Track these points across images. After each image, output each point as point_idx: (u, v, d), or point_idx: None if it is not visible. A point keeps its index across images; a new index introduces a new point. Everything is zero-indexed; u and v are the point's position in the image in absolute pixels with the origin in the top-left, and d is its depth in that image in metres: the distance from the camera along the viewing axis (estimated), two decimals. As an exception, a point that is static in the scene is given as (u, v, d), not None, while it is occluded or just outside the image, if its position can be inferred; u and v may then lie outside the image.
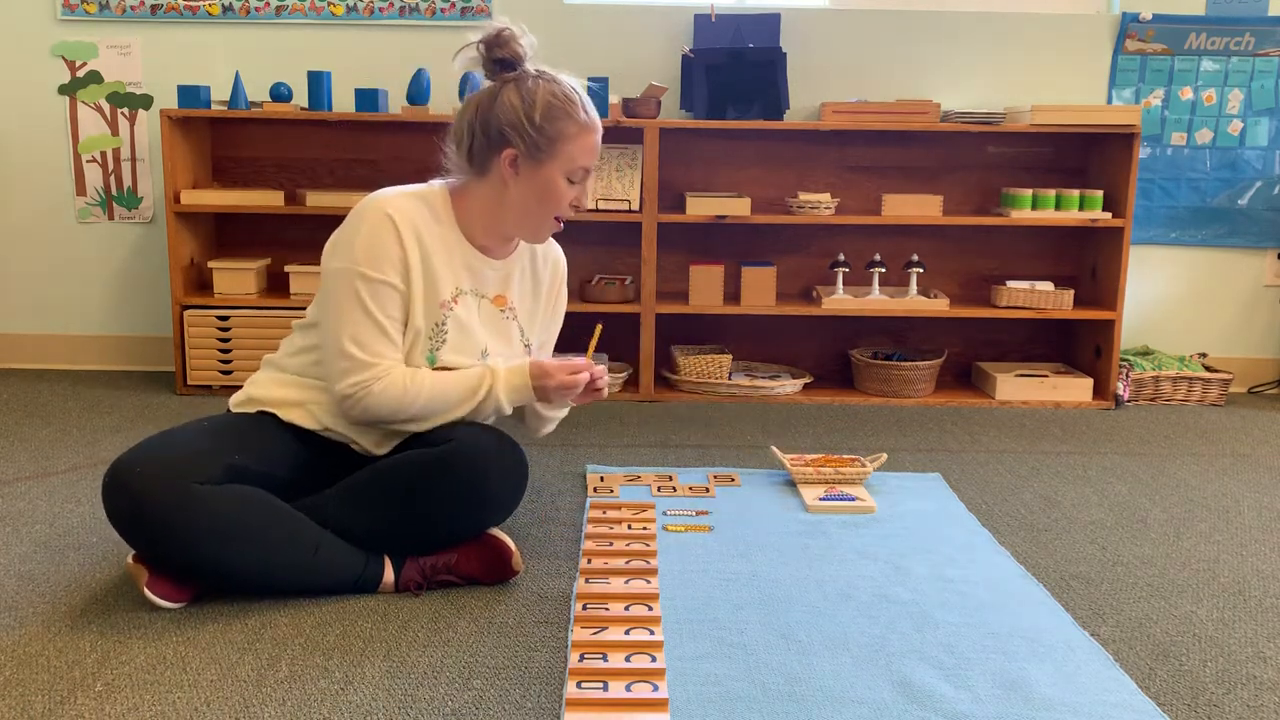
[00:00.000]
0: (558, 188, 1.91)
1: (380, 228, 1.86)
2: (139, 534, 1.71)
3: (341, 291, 1.85)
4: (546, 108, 1.87)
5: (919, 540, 2.15)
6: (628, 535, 2.12)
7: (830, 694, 1.53)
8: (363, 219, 1.87)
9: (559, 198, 1.92)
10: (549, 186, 1.91)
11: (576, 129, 1.89)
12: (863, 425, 3.12)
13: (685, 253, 3.58)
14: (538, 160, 1.89)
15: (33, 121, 3.56)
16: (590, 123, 1.91)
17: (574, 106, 1.89)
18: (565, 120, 1.88)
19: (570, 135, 1.88)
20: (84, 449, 2.71)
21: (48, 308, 3.68)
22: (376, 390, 1.84)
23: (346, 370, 1.84)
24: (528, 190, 1.91)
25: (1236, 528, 2.30)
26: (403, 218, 1.87)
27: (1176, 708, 1.53)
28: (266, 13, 3.49)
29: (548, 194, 1.91)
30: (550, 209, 1.93)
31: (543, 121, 1.87)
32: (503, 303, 2.04)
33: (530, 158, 1.89)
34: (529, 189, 1.91)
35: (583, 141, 1.90)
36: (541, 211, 1.94)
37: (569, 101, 1.89)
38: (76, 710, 1.47)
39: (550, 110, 1.87)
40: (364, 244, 1.85)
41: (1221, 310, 3.74)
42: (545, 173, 1.90)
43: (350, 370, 1.84)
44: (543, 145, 1.88)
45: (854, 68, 3.56)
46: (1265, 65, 3.57)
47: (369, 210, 1.88)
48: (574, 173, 1.91)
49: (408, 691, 1.53)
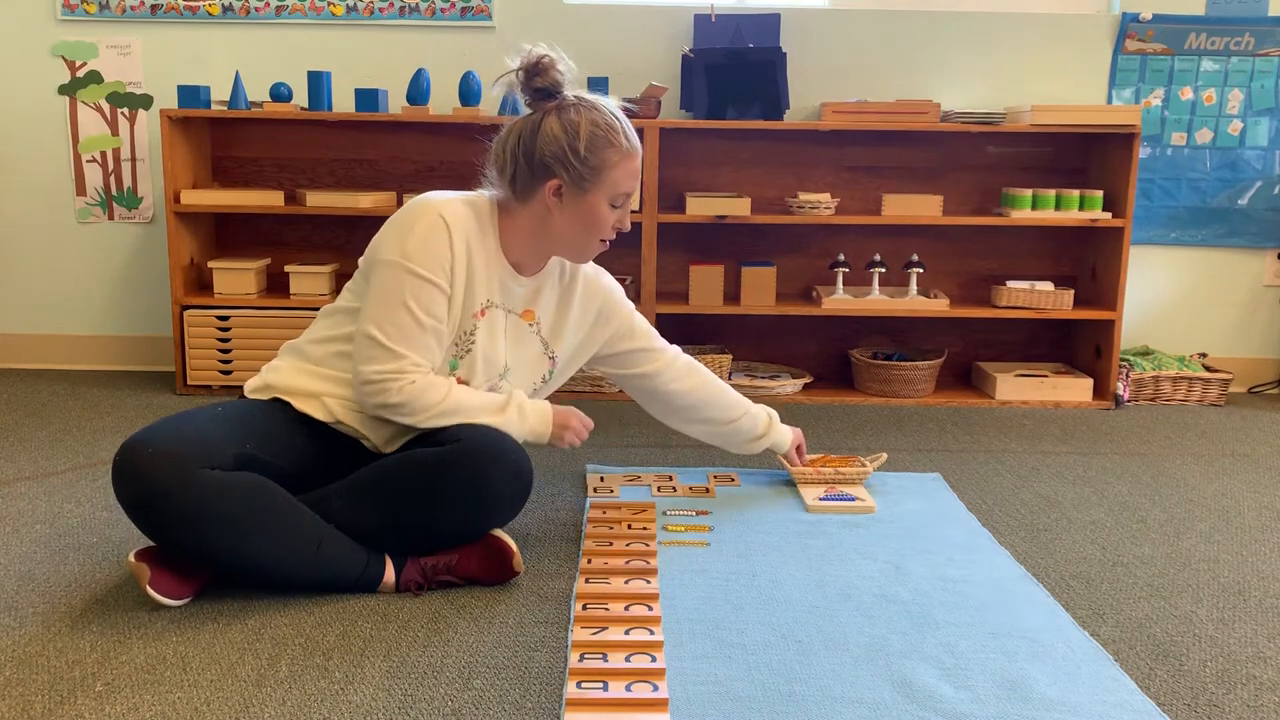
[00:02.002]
0: (601, 214, 1.95)
1: (435, 229, 1.89)
2: (145, 515, 1.71)
3: (387, 284, 1.87)
4: (590, 138, 1.90)
5: (919, 540, 2.15)
6: (628, 535, 2.12)
7: (830, 694, 1.53)
8: (418, 218, 1.90)
9: (603, 223, 1.97)
10: (593, 213, 1.95)
11: (619, 157, 1.93)
12: (863, 425, 3.12)
13: (685, 253, 3.58)
14: (582, 190, 1.93)
15: (33, 121, 3.56)
16: (632, 149, 1.95)
17: (616, 135, 1.93)
18: (609, 149, 1.92)
19: (614, 163, 1.92)
20: (84, 449, 2.71)
21: (48, 308, 3.68)
22: (400, 387, 1.86)
23: (372, 357, 1.86)
24: (572, 218, 1.95)
25: (1236, 528, 2.30)
26: (456, 223, 1.91)
27: (1176, 708, 1.53)
28: (266, 13, 3.50)
29: (592, 220, 1.96)
30: (595, 234, 1.98)
31: (586, 153, 1.90)
32: (531, 317, 2.07)
33: (575, 187, 1.93)
34: (574, 216, 1.95)
35: (626, 168, 1.94)
36: (586, 237, 1.99)
37: (611, 130, 1.92)
38: (76, 710, 1.47)
39: (594, 141, 1.91)
40: (417, 242, 1.88)
41: (1221, 310, 3.74)
42: (590, 200, 1.94)
43: (376, 358, 1.86)
44: (587, 175, 1.92)
45: (854, 68, 3.56)
46: (1265, 65, 3.57)
47: (425, 210, 1.91)
48: (617, 198, 1.96)
49: (408, 691, 1.53)
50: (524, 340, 2.07)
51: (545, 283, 2.09)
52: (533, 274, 2.06)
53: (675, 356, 2.30)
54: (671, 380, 2.27)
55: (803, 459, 2.48)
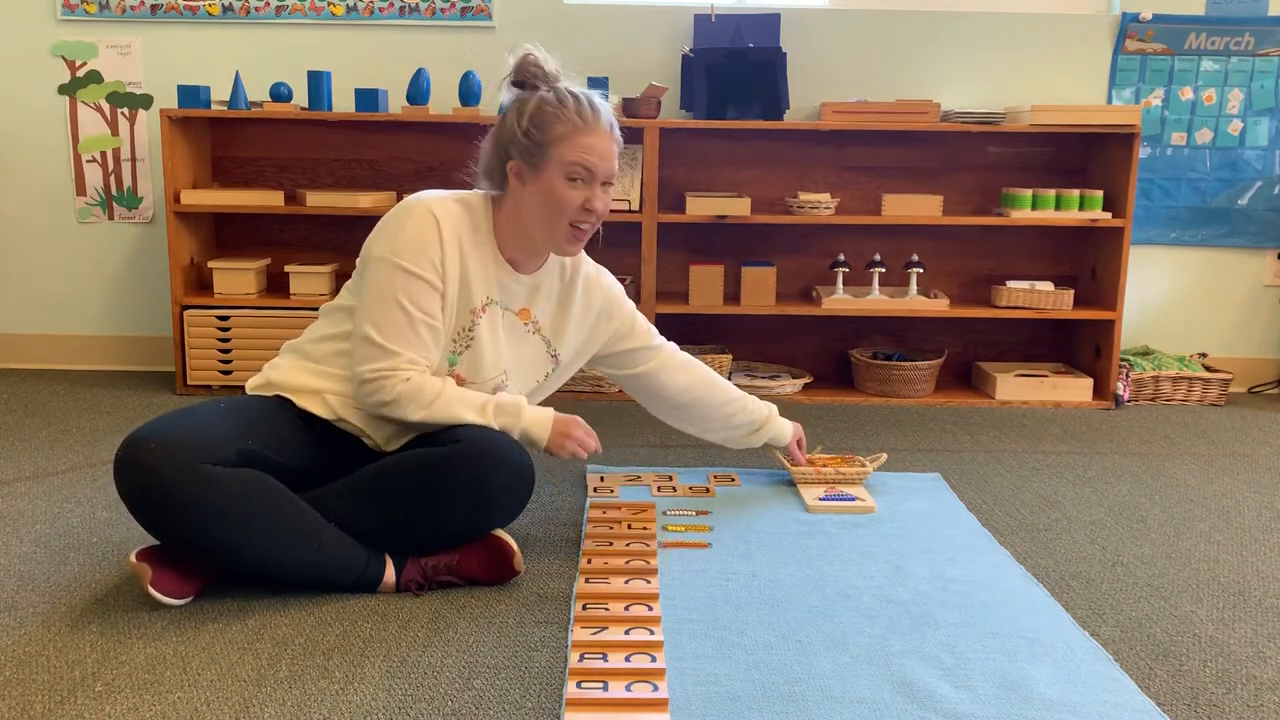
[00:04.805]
0: (558, 192, 1.92)
1: (425, 226, 1.90)
2: (147, 510, 1.71)
3: (379, 280, 1.88)
4: (536, 114, 1.91)
5: (919, 540, 2.15)
6: (628, 535, 2.12)
7: (830, 694, 1.53)
8: (409, 215, 1.91)
9: (564, 202, 1.93)
10: (550, 191, 1.92)
11: (567, 129, 1.91)
12: (863, 425, 3.12)
13: (685, 253, 3.58)
14: (536, 167, 1.92)
15: (33, 121, 3.56)
16: (584, 123, 1.92)
17: (566, 109, 1.91)
18: (555, 123, 1.90)
19: (560, 136, 1.90)
20: (84, 449, 2.71)
21: (48, 308, 3.68)
22: (394, 385, 1.86)
23: (368, 356, 1.87)
24: (535, 199, 1.94)
25: (1236, 528, 2.30)
26: (446, 220, 1.92)
27: (1176, 708, 1.53)
28: (266, 13, 3.49)
29: (551, 199, 1.93)
30: (560, 215, 1.94)
31: (532, 127, 1.91)
32: (527, 316, 2.07)
33: (530, 166, 1.93)
34: (536, 198, 1.94)
35: (576, 141, 1.91)
36: (551, 220, 1.95)
37: (561, 106, 1.91)
38: (76, 710, 1.47)
39: (539, 116, 1.91)
40: (408, 239, 1.89)
41: (1221, 310, 3.74)
42: (545, 178, 1.93)
43: (372, 356, 1.87)
44: (535, 151, 1.92)
45: (854, 68, 3.56)
46: (1265, 65, 3.57)
47: (416, 207, 1.92)
48: (572, 171, 1.92)
49: (408, 691, 1.53)
50: (520, 338, 2.07)
51: (544, 281, 2.09)
52: (531, 271, 2.06)
53: (673, 353, 2.30)
54: (669, 377, 2.27)
55: (803, 453, 2.48)
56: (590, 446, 2.02)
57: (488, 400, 1.94)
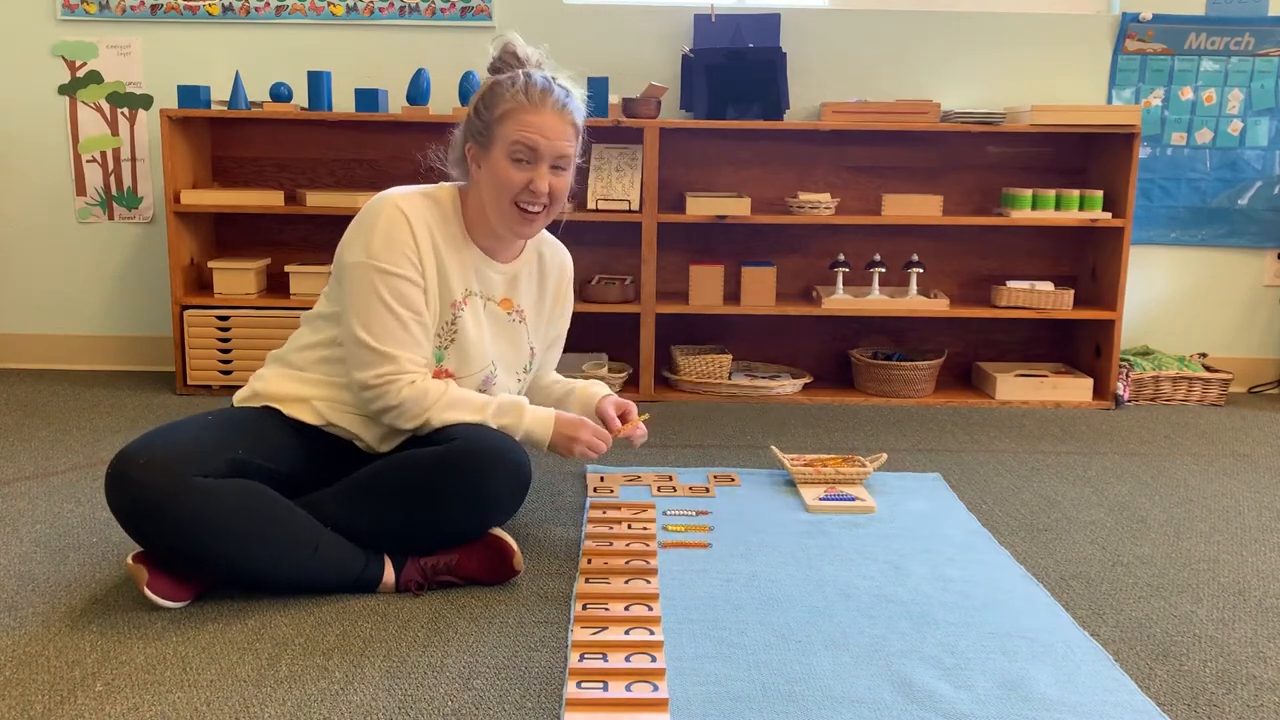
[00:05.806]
0: (502, 171, 1.90)
1: (395, 223, 1.89)
2: (140, 525, 1.71)
3: (361, 286, 1.88)
4: (486, 94, 1.92)
5: (919, 540, 2.15)
6: (628, 535, 2.12)
7: (830, 694, 1.53)
8: (377, 215, 1.90)
9: (508, 182, 1.90)
10: (495, 171, 1.91)
11: (512, 106, 1.89)
12: (863, 425, 3.12)
13: (685, 253, 3.58)
14: (485, 147, 1.93)
15: (33, 121, 3.56)
16: (527, 101, 1.88)
17: (514, 90, 1.89)
18: (501, 102, 1.90)
19: (505, 114, 1.89)
20: (84, 449, 2.71)
21: (48, 308, 3.68)
22: (399, 389, 1.86)
23: (367, 362, 1.87)
24: (487, 180, 1.94)
25: (1236, 528, 2.30)
26: (415, 214, 1.91)
27: (1176, 708, 1.53)
28: (266, 13, 3.49)
29: (496, 179, 1.91)
30: (505, 195, 1.91)
31: (481, 106, 1.92)
32: (509, 306, 2.06)
33: (481, 146, 1.93)
34: (487, 178, 1.94)
35: (519, 119, 1.88)
36: (499, 201, 1.93)
37: (511, 84, 1.90)
38: (76, 710, 1.47)
39: (489, 95, 1.92)
40: (380, 239, 1.88)
41: (1221, 310, 3.74)
42: (492, 157, 1.92)
43: (372, 362, 1.86)
44: (483, 130, 1.92)
45: (854, 68, 3.56)
46: (1265, 65, 3.57)
47: (383, 206, 1.91)
48: (514, 151, 1.89)
49: (408, 691, 1.53)
50: (504, 329, 2.06)
51: (523, 270, 2.08)
52: (508, 260, 2.05)
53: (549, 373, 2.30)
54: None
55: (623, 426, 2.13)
56: (600, 449, 2.02)
57: (489, 401, 1.94)
